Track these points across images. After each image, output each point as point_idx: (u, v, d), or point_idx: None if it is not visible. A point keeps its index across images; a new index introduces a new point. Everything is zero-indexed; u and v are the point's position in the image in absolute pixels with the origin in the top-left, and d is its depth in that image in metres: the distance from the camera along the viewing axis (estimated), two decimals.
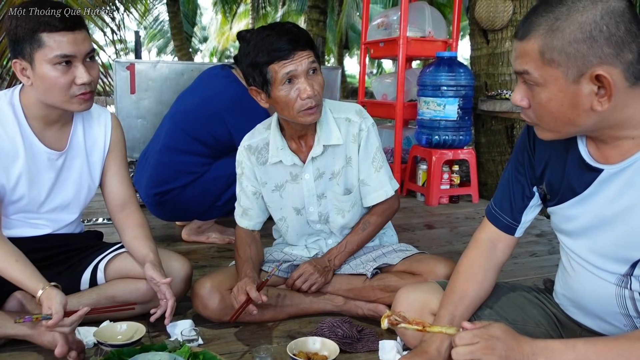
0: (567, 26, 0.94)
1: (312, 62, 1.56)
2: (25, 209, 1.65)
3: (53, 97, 1.52)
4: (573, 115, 0.99)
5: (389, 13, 4.23)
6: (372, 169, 1.74)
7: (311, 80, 1.57)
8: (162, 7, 18.37)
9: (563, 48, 0.94)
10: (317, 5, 9.65)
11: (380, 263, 1.78)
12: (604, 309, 1.14)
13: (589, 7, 0.93)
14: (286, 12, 19.74)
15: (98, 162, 1.75)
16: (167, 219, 2.79)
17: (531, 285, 1.46)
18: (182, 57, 12.58)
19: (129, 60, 3.68)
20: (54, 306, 1.37)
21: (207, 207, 2.56)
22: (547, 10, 0.97)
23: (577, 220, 1.14)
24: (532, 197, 1.27)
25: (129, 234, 1.74)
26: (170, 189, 2.48)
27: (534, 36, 0.97)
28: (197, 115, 2.43)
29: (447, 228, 3.17)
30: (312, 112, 1.59)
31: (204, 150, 2.46)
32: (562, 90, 0.97)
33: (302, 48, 1.54)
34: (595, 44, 0.93)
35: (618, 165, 1.04)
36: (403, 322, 1.14)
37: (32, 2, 1.48)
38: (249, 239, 1.81)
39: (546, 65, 0.97)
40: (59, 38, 1.45)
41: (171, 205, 2.52)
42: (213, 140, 2.43)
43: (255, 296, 1.53)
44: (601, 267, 1.11)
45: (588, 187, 1.10)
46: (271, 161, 1.75)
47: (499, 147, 4.04)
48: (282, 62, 1.53)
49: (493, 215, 1.33)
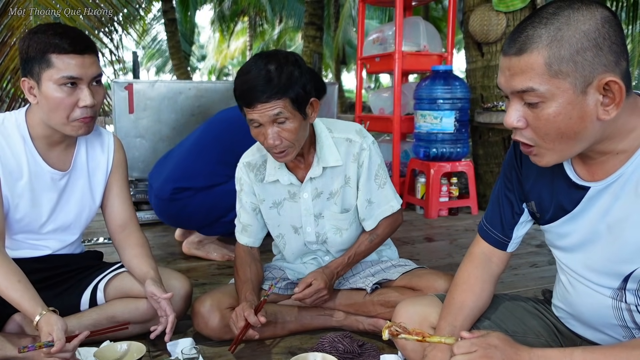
0: (572, 35, 0.91)
1: (277, 113, 1.49)
2: (27, 228, 1.66)
3: (55, 117, 1.53)
4: (580, 128, 0.96)
5: (384, 28, 4.28)
6: (376, 186, 1.74)
7: (277, 128, 1.52)
8: (159, 27, 18.56)
9: (571, 57, 0.91)
10: (313, 22, 9.74)
11: (379, 278, 1.78)
12: (602, 322, 1.14)
13: (588, 16, 0.92)
14: (283, 30, 19.93)
15: (100, 183, 1.76)
16: (171, 222, 2.81)
17: (531, 296, 1.46)
18: (181, 75, 12.65)
19: (127, 80, 3.71)
20: (56, 333, 1.37)
21: (213, 220, 2.58)
22: (544, 22, 0.94)
23: (570, 237, 1.15)
24: (521, 214, 1.27)
25: (129, 253, 1.75)
26: (187, 187, 2.51)
27: (536, 48, 0.93)
28: (233, 125, 2.46)
29: (447, 240, 3.17)
30: (280, 156, 1.58)
31: (229, 161, 2.49)
32: (570, 103, 0.94)
33: (265, 100, 1.47)
34: (601, 51, 0.91)
35: (604, 181, 1.04)
36: (403, 333, 1.15)
37: (47, 26, 1.53)
38: (249, 259, 1.81)
39: (553, 77, 0.93)
40: (67, 60, 1.48)
41: (180, 206, 2.54)
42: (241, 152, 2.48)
43: (254, 321, 1.52)
44: (596, 282, 1.12)
45: (577, 205, 1.10)
46: (268, 180, 1.75)
47: (497, 158, 4.05)
48: (246, 109, 1.52)
49: (485, 231, 1.33)
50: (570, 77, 0.93)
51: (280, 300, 1.85)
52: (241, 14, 19.88)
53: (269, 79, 1.47)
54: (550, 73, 0.93)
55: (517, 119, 1.01)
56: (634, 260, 1.03)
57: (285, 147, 1.55)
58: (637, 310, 1.08)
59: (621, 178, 1.02)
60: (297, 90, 1.51)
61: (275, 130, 1.52)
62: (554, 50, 0.92)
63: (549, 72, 0.93)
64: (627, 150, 1.01)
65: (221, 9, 19.14)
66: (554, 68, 0.93)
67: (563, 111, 0.95)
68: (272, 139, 1.52)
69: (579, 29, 0.92)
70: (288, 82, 1.49)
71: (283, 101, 1.49)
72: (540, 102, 0.96)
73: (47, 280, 1.68)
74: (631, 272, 1.04)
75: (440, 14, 15.09)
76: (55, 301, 1.64)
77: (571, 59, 0.92)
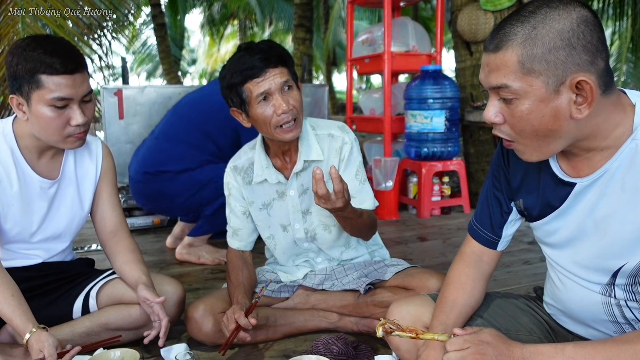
0: (545, 34, 0.93)
1: (285, 79, 1.57)
2: (17, 238, 1.65)
3: (47, 135, 1.53)
4: (555, 126, 0.98)
5: (373, 29, 4.29)
6: (357, 181, 1.74)
7: (286, 96, 1.59)
8: (149, 32, 18.49)
9: (543, 56, 0.93)
10: (303, 24, 9.73)
11: (372, 279, 1.78)
12: (592, 317, 1.15)
13: (564, 15, 0.93)
14: (273, 32, 19.92)
15: (89, 190, 1.75)
16: (150, 207, 2.88)
17: (523, 293, 1.47)
18: (171, 80, 12.62)
19: (117, 86, 3.69)
20: (47, 349, 1.36)
21: (194, 208, 2.62)
22: (521, 20, 0.96)
23: (558, 234, 1.15)
24: (510, 213, 1.28)
25: (121, 259, 1.74)
26: (162, 171, 2.56)
27: (511, 46, 0.96)
28: (203, 107, 2.49)
29: (440, 239, 3.18)
30: (290, 129, 1.60)
31: (203, 144, 2.53)
32: (543, 101, 0.96)
33: (274, 65, 1.56)
34: (574, 51, 0.93)
35: (589, 177, 1.06)
36: (397, 330, 1.15)
37: (36, 42, 1.47)
38: (241, 263, 1.81)
39: (526, 75, 0.95)
40: (57, 80, 1.45)
41: (156, 189, 2.59)
42: (216, 132, 2.52)
43: (244, 323, 1.52)
44: (585, 278, 1.13)
45: (565, 201, 1.11)
46: (256, 180, 1.76)
47: (488, 156, 4.07)
48: (255, 81, 1.56)
49: (475, 231, 1.34)
50: (543, 75, 0.94)
51: (273, 303, 1.85)
52: (231, 17, 19.86)
53: (269, 51, 1.57)
54: (523, 71, 0.95)
55: (494, 114, 1.03)
56: (622, 256, 1.04)
57: (295, 116, 1.60)
58: (626, 306, 1.09)
59: (606, 174, 1.03)
60: (293, 64, 1.63)
61: (284, 98, 1.58)
62: (528, 49, 0.94)
63: (521, 70, 0.95)
64: (612, 147, 1.02)
65: (211, 12, 19.11)
66: (526, 66, 0.95)
67: (535, 109, 0.97)
68: (286, 104, 1.57)
69: (553, 28, 0.93)
70: (285, 53, 1.62)
71: (287, 69, 1.60)
72: (514, 99, 0.98)
73: (39, 289, 1.67)
74: (620, 268, 1.05)
75: (429, 14, 15.14)
76: (47, 310, 1.64)
77: (543, 58, 0.94)
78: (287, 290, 1.86)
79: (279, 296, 1.85)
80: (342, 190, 1.43)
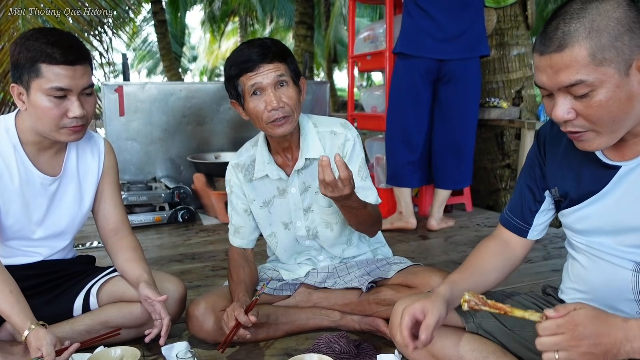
0: (607, 24, 0.98)
1: (279, 75, 1.57)
2: (18, 235, 1.64)
3: (43, 125, 1.52)
4: (629, 108, 1.02)
5: (375, 26, 4.26)
6: (359, 178, 1.72)
7: (279, 93, 1.58)
8: (150, 29, 18.49)
9: (611, 44, 0.98)
10: (304, 20, 9.74)
11: (375, 277, 1.77)
12: (617, 296, 1.17)
13: (615, 5, 0.99)
14: (274, 29, 19.91)
15: (91, 187, 1.74)
16: None
17: (527, 292, 1.46)
18: (172, 77, 12.62)
19: (117, 82, 3.68)
20: (45, 347, 1.35)
21: None
22: (575, 18, 1.00)
23: (595, 218, 1.18)
24: (542, 202, 1.32)
25: (122, 256, 1.73)
26: None
27: (577, 42, 0.99)
28: None
29: (442, 238, 3.17)
30: (280, 124, 1.60)
31: None
32: (618, 86, 1.00)
33: (269, 61, 1.56)
34: (634, 34, 0.99)
35: (635, 160, 1.10)
36: (483, 306, 1.10)
37: (40, 32, 1.49)
38: (242, 260, 1.80)
39: (599, 66, 0.99)
40: (57, 70, 1.45)
41: None
42: None
43: (244, 320, 1.50)
44: (619, 256, 1.15)
45: (606, 185, 1.14)
46: (257, 176, 1.75)
47: (490, 154, 4.06)
48: (249, 74, 1.57)
49: (505, 219, 1.38)
50: (614, 62, 0.99)
51: (275, 301, 1.84)
52: (232, 14, 19.84)
53: (268, 46, 1.59)
54: (595, 62, 0.99)
55: (567, 112, 1.05)
56: None
57: (287, 113, 1.59)
58: None
59: None
60: (293, 61, 1.64)
61: (277, 94, 1.58)
62: (595, 41, 0.98)
63: (593, 62, 0.99)
64: None
65: (211, 9, 19.09)
66: (598, 57, 0.99)
67: (613, 95, 1.00)
68: (276, 101, 1.57)
69: (612, 17, 0.99)
70: (286, 50, 1.63)
71: (283, 65, 1.60)
72: (590, 92, 1.01)
73: (39, 287, 1.66)
74: None
75: None
76: (47, 307, 1.63)
77: (612, 46, 0.98)
78: (288, 288, 1.85)
79: (280, 294, 1.84)
80: (349, 177, 1.43)
